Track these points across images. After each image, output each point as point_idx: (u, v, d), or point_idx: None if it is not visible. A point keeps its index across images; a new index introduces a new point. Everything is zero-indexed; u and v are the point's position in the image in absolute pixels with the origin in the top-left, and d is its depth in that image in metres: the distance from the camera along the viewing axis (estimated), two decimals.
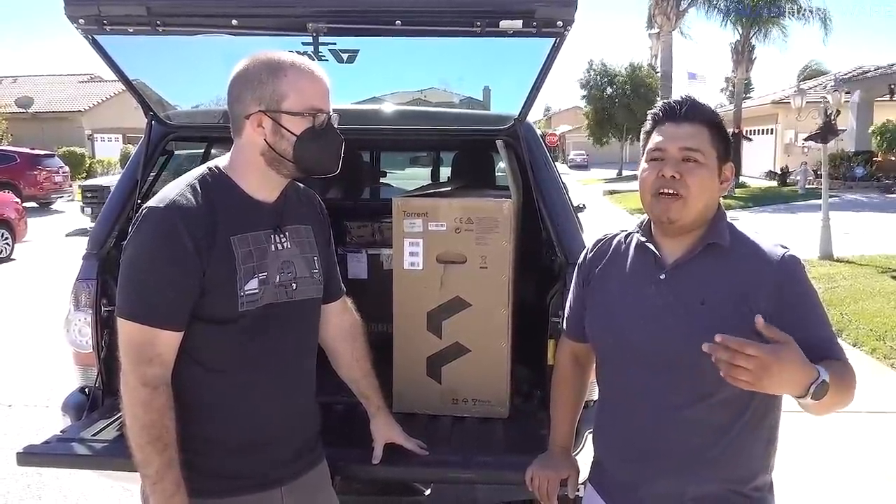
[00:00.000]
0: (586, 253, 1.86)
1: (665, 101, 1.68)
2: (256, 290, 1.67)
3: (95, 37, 2.19)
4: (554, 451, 1.93)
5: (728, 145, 1.65)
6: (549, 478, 1.87)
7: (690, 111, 1.62)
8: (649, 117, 1.69)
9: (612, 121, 40.03)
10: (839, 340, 1.59)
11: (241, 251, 1.66)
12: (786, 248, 1.60)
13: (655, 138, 1.63)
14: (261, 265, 1.69)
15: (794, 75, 40.08)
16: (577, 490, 1.88)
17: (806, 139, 13.66)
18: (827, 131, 11.54)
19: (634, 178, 1.72)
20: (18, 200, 13.59)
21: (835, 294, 8.54)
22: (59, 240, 14.45)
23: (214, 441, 1.71)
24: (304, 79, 1.66)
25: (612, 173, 40.82)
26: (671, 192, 1.58)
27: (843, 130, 17.87)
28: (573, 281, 1.89)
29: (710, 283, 1.58)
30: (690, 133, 1.60)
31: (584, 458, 1.94)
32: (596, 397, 1.85)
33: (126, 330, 1.61)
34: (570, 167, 52.74)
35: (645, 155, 1.66)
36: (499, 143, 2.86)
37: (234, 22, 2.12)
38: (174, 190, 1.65)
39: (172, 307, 1.61)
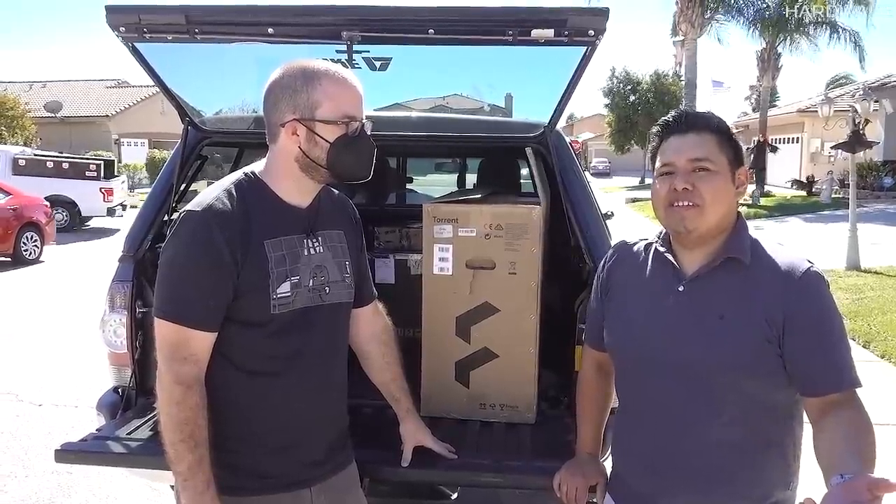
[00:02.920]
0: (605, 261, 1.85)
1: (665, 117, 1.67)
2: (288, 294, 1.70)
3: (135, 44, 2.25)
4: (582, 457, 1.94)
5: (739, 150, 1.63)
6: (577, 484, 1.87)
7: (693, 121, 1.61)
8: (653, 135, 1.68)
9: (635, 128, 39.84)
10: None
11: (274, 255, 1.69)
12: (810, 262, 1.56)
13: (663, 155, 1.62)
14: (293, 269, 1.72)
15: (822, 85, 39.59)
16: (605, 497, 1.89)
17: (834, 147, 13.48)
18: (856, 141, 11.39)
19: None
20: (48, 203, 13.80)
21: (862, 305, 8.42)
22: (86, 243, 14.66)
23: (247, 440, 1.74)
24: (338, 87, 1.69)
25: (635, 181, 40.57)
26: (685, 203, 1.56)
27: (876, 143, 17.54)
28: (593, 290, 1.89)
29: (730, 297, 1.56)
30: (697, 142, 1.58)
31: (611, 464, 1.95)
32: None
33: (162, 329, 1.65)
34: (593, 174, 52.41)
35: (655, 173, 1.65)
36: (529, 150, 2.87)
37: (270, 30, 2.15)
38: (211, 194, 1.69)
39: (206, 309, 1.64)
